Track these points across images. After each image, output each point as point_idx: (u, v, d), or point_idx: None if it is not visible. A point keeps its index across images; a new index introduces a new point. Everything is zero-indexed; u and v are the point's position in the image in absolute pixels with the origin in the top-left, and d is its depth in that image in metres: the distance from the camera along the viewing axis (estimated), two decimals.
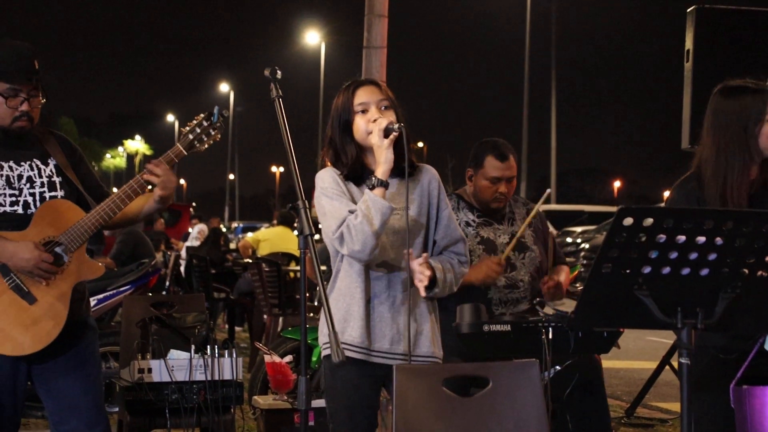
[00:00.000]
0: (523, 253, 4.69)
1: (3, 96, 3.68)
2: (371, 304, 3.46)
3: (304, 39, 44.93)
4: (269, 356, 5.34)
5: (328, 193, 3.46)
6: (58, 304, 3.65)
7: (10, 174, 3.71)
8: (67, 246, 3.67)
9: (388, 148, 3.38)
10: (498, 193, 4.64)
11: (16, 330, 3.60)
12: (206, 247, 15.16)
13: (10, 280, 3.61)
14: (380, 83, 3.57)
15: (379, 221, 3.32)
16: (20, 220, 3.67)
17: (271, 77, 3.25)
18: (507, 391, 3.19)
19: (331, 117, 3.58)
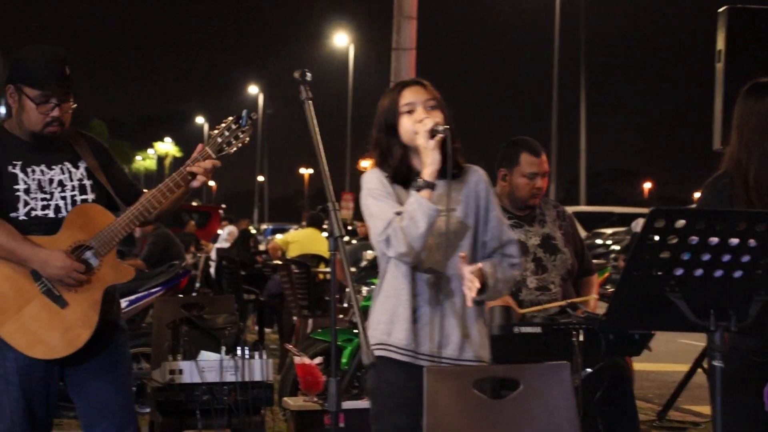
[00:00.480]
0: (554, 256, 4.68)
1: (34, 102, 3.70)
2: (418, 306, 3.42)
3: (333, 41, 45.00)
4: (299, 358, 5.35)
5: (375, 194, 3.43)
6: (88, 308, 3.68)
7: (41, 178, 3.74)
8: (97, 250, 3.69)
9: (435, 150, 3.34)
10: (535, 189, 4.66)
11: (48, 334, 3.63)
12: (236, 248, 15.24)
13: (41, 284, 3.64)
14: (426, 83, 3.54)
15: (425, 224, 3.29)
16: (51, 224, 3.69)
17: (300, 79, 3.25)
18: (538, 393, 3.18)
19: (376, 118, 3.55)
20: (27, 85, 3.69)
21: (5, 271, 3.63)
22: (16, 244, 3.60)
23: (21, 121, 3.73)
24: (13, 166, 3.71)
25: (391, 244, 3.32)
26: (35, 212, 3.69)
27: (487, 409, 3.15)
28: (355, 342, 6.45)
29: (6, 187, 3.68)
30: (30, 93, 3.69)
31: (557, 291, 4.63)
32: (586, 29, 33.92)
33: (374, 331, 3.46)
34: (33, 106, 3.70)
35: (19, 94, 3.70)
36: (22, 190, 3.69)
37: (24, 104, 3.70)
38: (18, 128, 3.77)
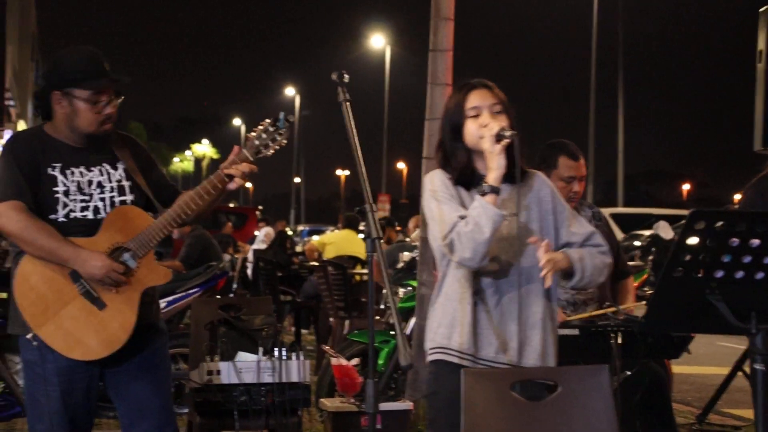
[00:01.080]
0: None
1: (88, 102, 3.74)
2: (478, 310, 3.39)
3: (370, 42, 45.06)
4: (336, 359, 5.36)
5: (438, 197, 3.41)
6: (126, 310, 3.70)
7: (80, 180, 3.76)
8: (135, 252, 3.71)
9: (500, 154, 3.33)
10: (572, 193, 4.63)
11: (87, 335, 3.65)
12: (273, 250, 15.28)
13: (80, 285, 3.67)
14: (493, 86, 3.51)
15: (490, 229, 3.27)
16: (90, 226, 3.72)
17: (338, 81, 3.26)
18: (576, 396, 3.16)
19: (441, 120, 3.54)
20: (76, 88, 3.71)
21: (46, 272, 3.66)
22: (58, 244, 3.62)
23: (73, 125, 3.75)
24: (53, 168, 3.74)
25: (454, 249, 3.30)
26: (74, 214, 3.72)
27: (525, 412, 3.14)
28: (392, 343, 6.45)
29: (45, 189, 3.71)
30: (81, 94, 3.72)
31: (593, 291, 4.61)
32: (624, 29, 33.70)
33: (434, 334, 3.44)
34: (86, 107, 3.73)
35: (68, 99, 3.73)
36: (62, 192, 3.72)
37: (76, 107, 3.73)
38: (59, 131, 3.79)
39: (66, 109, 3.74)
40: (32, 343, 3.64)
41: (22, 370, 3.88)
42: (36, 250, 3.63)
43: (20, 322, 3.68)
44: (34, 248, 3.63)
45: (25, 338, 3.69)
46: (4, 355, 6.02)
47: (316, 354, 9.93)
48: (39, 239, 3.61)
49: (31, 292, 3.65)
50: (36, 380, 3.70)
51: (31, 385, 3.73)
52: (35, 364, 3.68)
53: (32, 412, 3.74)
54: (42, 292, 3.65)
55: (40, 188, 3.70)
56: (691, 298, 2.88)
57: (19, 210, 3.62)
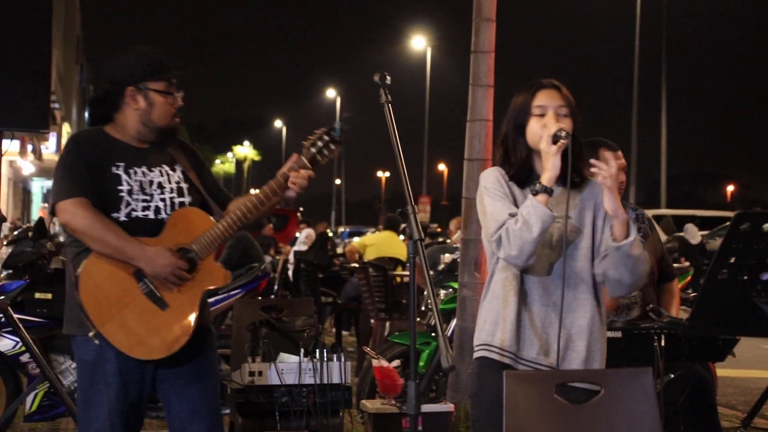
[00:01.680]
0: None
1: (165, 94, 3.80)
2: (522, 310, 3.39)
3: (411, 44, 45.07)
4: (377, 360, 5.36)
5: (491, 193, 3.42)
6: (188, 310, 3.71)
7: (143, 179, 3.79)
8: (197, 253, 3.73)
9: (556, 155, 3.32)
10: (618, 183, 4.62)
11: (148, 335, 3.66)
12: (314, 251, 15.33)
13: (143, 285, 3.68)
14: (562, 87, 3.50)
15: (539, 228, 3.27)
16: (151, 226, 3.74)
17: (380, 83, 3.26)
18: (620, 399, 3.14)
19: (507, 115, 3.54)
20: (153, 80, 3.77)
21: (110, 270, 3.66)
22: (124, 241, 3.64)
23: (149, 120, 3.79)
24: (117, 167, 3.76)
25: (501, 246, 3.31)
26: (135, 213, 3.74)
27: (568, 415, 3.12)
28: (433, 345, 6.44)
29: (110, 188, 3.73)
30: (158, 87, 3.77)
31: (637, 294, 4.58)
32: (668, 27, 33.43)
33: (479, 332, 3.45)
34: (162, 100, 3.79)
35: (143, 93, 3.78)
36: (125, 191, 3.74)
37: (153, 100, 3.78)
38: (122, 131, 3.82)
39: (141, 104, 3.78)
40: (93, 341, 3.63)
41: (76, 370, 3.89)
42: (102, 247, 3.63)
43: (77, 322, 3.69)
44: (100, 245, 3.63)
45: (81, 338, 3.70)
46: (49, 355, 6.09)
47: (357, 355, 9.95)
48: (106, 236, 3.62)
49: (96, 290, 3.65)
50: (94, 380, 3.71)
51: (88, 386, 3.74)
52: (94, 363, 3.69)
53: (87, 413, 3.74)
54: (106, 290, 3.65)
55: (104, 186, 3.72)
56: (736, 300, 2.85)
57: (86, 207, 3.63)
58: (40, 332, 6.03)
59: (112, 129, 3.84)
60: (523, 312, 3.38)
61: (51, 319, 6.06)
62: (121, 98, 3.80)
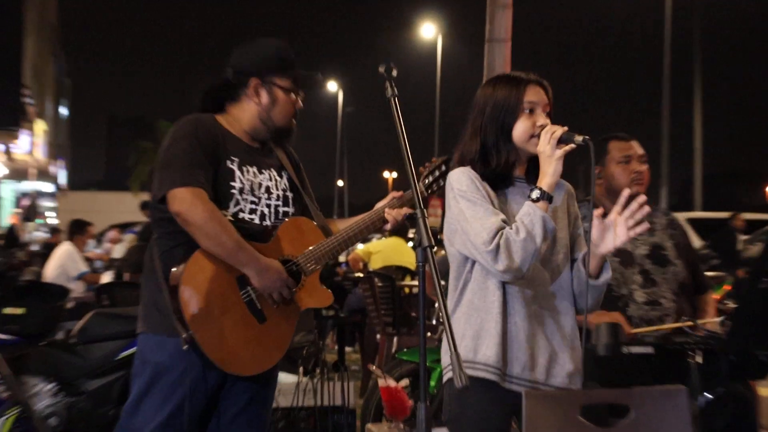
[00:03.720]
0: (664, 268, 4.62)
1: (289, 92, 3.85)
2: (508, 321, 3.42)
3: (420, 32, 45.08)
4: (383, 380, 5.36)
5: (469, 197, 3.43)
6: (285, 328, 3.75)
7: (253, 180, 3.81)
8: (303, 267, 3.76)
9: (560, 159, 3.36)
10: (635, 174, 4.64)
11: (244, 348, 3.68)
12: None
13: (245, 294, 3.69)
14: (548, 86, 3.55)
15: (542, 238, 3.32)
16: (256, 231, 3.76)
17: (385, 75, 3.25)
18: (651, 421, 3.13)
19: (484, 110, 3.52)
20: (279, 76, 3.82)
21: (215, 271, 3.66)
22: (239, 245, 3.63)
23: (268, 117, 3.84)
24: (232, 162, 3.78)
25: (499, 257, 3.31)
26: (242, 214, 3.76)
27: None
28: None
29: (222, 183, 3.75)
30: (284, 83, 3.83)
31: (670, 306, 4.57)
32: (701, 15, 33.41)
33: None
34: (285, 98, 3.85)
35: (268, 87, 3.83)
36: (237, 189, 3.76)
37: (277, 97, 3.84)
38: (235, 125, 3.85)
39: (264, 99, 3.83)
40: (183, 346, 3.61)
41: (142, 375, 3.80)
42: (215, 246, 3.61)
43: (152, 320, 3.70)
44: (214, 244, 3.61)
45: (157, 338, 3.69)
46: (21, 377, 6.09)
47: (361, 374, 9.95)
48: (222, 235, 3.61)
49: (197, 291, 3.64)
50: (158, 385, 3.69)
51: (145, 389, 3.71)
52: (166, 368, 3.68)
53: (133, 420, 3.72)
54: (207, 293, 3.65)
55: (217, 180, 3.73)
56: None
57: (205, 200, 3.62)
58: (11, 351, 6.03)
59: (224, 120, 3.86)
60: (508, 324, 3.41)
61: (23, 337, 6.06)
62: (242, 89, 3.84)
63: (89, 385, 5.71)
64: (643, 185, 4.69)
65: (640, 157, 4.71)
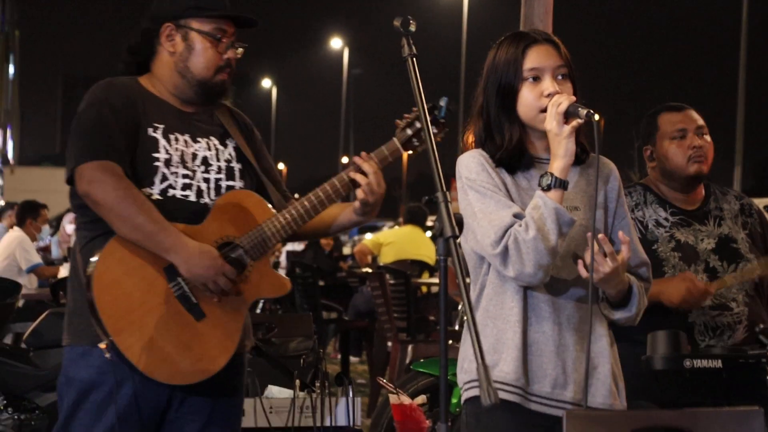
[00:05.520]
0: (735, 264, 4.62)
1: (212, 37, 3.83)
2: (530, 332, 3.43)
3: None
4: (395, 396, 5.38)
5: (478, 187, 3.43)
6: (230, 325, 3.72)
7: (185, 150, 3.80)
8: (248, 251, 3.73)
9: (569, 137, 3.34)
10: (692, 150, 4.60)
11: (177, 351, 3.65)
12: (312, 252, 15.37)
13: (176, 286, 3.66)
14: (559, 43, 3.51)
15: (557, 235, 3.30)
16: (191, 210, 3.75)
17: (402, 30, 3.27)
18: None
19: (484, 79, 3.54)
20: (197, 18, 3.81)
21: (135, 263, 3.65)
22: (160, 227, 3.61)
23: (185, 68, 3.82)
24: (154, 129, 3.78)
25: (509, 261, 3.32)
26: (173, 191, 3.75)
27: None
28: None
29: (143, 154, 3.74)
30: (201, 27, 3.82)
31: (741, 310, 4.58)
32: None
33: (470, 364, 3.47)
34: (205, 45, 3.83)
35: (183, 32, 3.82)
36: (162, 161, 3.75)
37: (192, 43, 3.82)
38: (161, 86, 3.86)
39: (178, 46, 3.83)
40: (104, 354, 3.60)
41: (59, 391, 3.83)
42: (132, 230, 3.60)
43: (76, 329, 3.69)
44: (129, 228, 3.60)
45: (80, 349, 3.70)
46: None
47: (369, 389, 9.98)
48: (138, 216, 3.59)
49: (115, 287, 3.63)
50: (84, 407, 3.69)
51: (71, 412, 3.72)
52: (93, 385, 3.68)
53: None
54: (128, 288, 3.64)
55: (137, 151, 3.73)
56: None
57: (116, 175, 3.61)
58: None
59: (148, 82, 3.87)
60: (530, 334, 3.42)
61: None
62: (157, 38, 3.84)
63: (43, 400, 5.73)
64: (705, 163, 4.66)
65: (699, 128, 4.68)
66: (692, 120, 4.68)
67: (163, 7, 3.85)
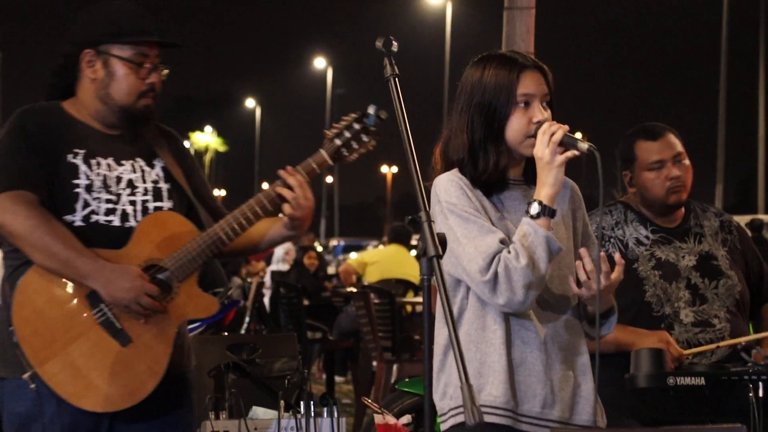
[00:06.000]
0: (716, 281, 4.61)
1: (132, 63, 3.79)
2: (514, 352, 3.42)
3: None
4: (381, 416, 5.37)
5: (460, 212, 3.41)
6: (157, 348, 3.71)
7: (107, 174, 3.78)
8: (173, 272, 3.72)
9: (561, 167, 3.36)
10: (670, 181, 4.58)
11: (103, 378, 3.64)
12: (296, 271, 15.34)
13: (99, 312, 3.66)
14: (547, 70, 3.53)
15: (546, 263, 3.32)
16: (116, 235, 3.73)
17: (384, 50, 3.26)
18: None
19: (466, 97, 3.53)
20: (117, 44, 3.77)
21: (55, 292, 3.65)
22: (76, 254, 3.61)
23: (106, 95, 3.79)
24: (74, 155, 3.76)
25: (498, 290, 3.32)
26: (96, 216, 3.73)
27: None
28: None
29: (63, 181, 3.72)
30: (121, 53, 3.78)
31: (723, 327, 4.57)
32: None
33: (454, 390, 3.43)
34: (126, 71, 3.79)
35: (103, 59, 3.78)
36: (83, 187, 3.73)
37: (113, 70, 3.78)
38: (83, 110, 3.83)
39: (99, 73, 3.79)
40: (29, 385, 3.60)
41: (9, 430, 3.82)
42: (47, 259, 3.61)
43: (11, 361, 3.66)
44: (44, 257, 3.61)
45: (13, 382, 3.67)
46: None
47: (354, 409, 9.96)
48: (53, 245, 3.59)
49: (35, 318, 3.63)
50: None
51: None
52: (30, 418, 3.66)
53: None
54: (49, 318, 3.63)
55: (57, 179, 3.71)
56: None
57: (30, 204, 3.61)
58: None
59: (71, 106, 3.84)
60: (514, 353, 3.41)
61: None
62: (77, 65, 3.81)
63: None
64: (684, 191, 4.64)
65: (676, 156, 4.63)
66: (670, 147, 4.63)
67: (82, 32, 3.82)
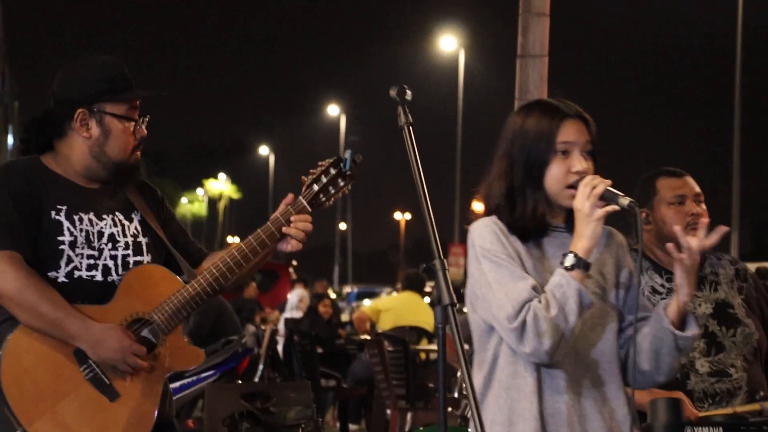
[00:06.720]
0: (734, 329, 4.59)
1: (127, 120, 3.81)
2: (547, 401, 3.38)
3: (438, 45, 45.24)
4: None
5: (492, 257, 3.38)
6: (145, 402, 3.71)
7: (89, 229, 3.78)
8: (159, 326, 3.73)
9: (599, 221, 3.33)
10: (690, 217, 4.58)
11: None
12: (310, 319, 15.32)
13: (87, 369, 3.67)
14: (590, 120, 3.50)
15: (576, 316, 3.29)
16: (98, 290, 3.74)
17: (398, 99, 3.27)
18: None
19: (508, 143, 3.50)
20: (110, 102, 3.79)
21: (42, 350, 3.66)
22: (63, 315, 3.63)
23: (102, 153, 3.80)
24: (57, 212, 3.76)
25: (525, 338, 3.28)
26: (78, 272, 3.74)
27: None
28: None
29: (47, 238, 3.72)
30: (117, 110, 3.80)
31: (740, 376, 4.55)
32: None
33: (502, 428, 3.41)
34: (122, 127, 3.81)
35: (98, 118, 3.79)
36: (67, 243, 3.74)
37: (109, 127, 3.80)
38: (63, 165, 3.83)
39: (94, 131, 3.80)
40: None
41: None
42: (34, 318, 3.62)
43: (5, 418, 3.65)
44: (32, 317, 3.62)
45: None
46: None
47: None
48: (41, 305, 3.61)
49: (24, 377, 3.64)
50: None
51: None
52: None
53: None
54: (37, 377, 3.64)
55: (41, 236, 3.72)
56: None
57: (16, 264, 3.62)
58: None
59: (52, 161, 3.84)
60: (546, 402, 3.38)
61: None
62: (68, 122, 3.81)
63: None
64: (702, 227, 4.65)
65: (696, 196, 4.67)
66: (691, 187, 4.68)
67: (73, 92, 3.81)
